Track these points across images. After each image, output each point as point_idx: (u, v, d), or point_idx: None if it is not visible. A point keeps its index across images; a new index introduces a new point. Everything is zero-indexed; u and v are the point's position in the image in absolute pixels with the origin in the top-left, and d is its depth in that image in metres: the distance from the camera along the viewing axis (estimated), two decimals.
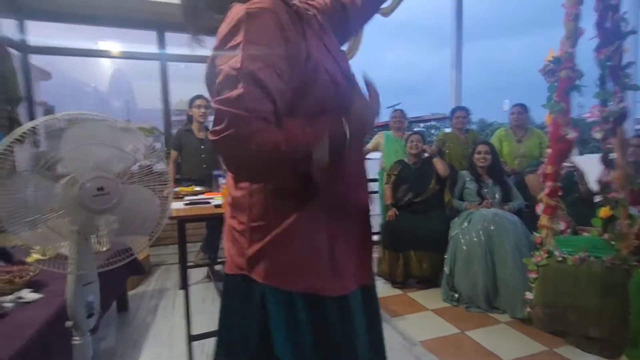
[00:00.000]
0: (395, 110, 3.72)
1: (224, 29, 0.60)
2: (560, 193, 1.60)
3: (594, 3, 1.43)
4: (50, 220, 0.99)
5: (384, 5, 3.07)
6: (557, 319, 1.64)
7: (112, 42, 4.15)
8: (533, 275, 1.61)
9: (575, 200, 2.58)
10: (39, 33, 3.62)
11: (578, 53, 1.47)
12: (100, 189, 0.97)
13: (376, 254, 3.59)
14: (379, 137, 3.73)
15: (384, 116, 4.39)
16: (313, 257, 0.66)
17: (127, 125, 1.09)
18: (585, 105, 1.69)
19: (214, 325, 2.39)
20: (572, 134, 1.48)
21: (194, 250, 3.22)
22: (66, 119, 0.96)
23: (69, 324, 1.08)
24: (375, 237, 4.08)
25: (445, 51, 4.44)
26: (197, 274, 3.23)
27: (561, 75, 1.46)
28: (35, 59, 3.68)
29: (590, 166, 2.55)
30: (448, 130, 3.51)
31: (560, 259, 1.54)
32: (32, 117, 3.62)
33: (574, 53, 1.45)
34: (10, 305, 1.38)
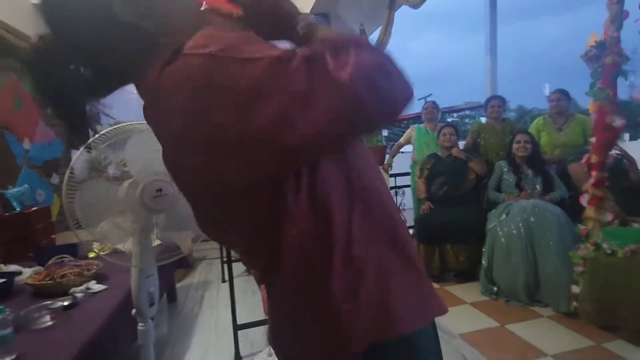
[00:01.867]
0: (427, 101, 3.67)
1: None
2: (607, 183, 1.53)
3: None
4: (118, 219, 1.11)
5: None
6: (607, 313, 1.58)
7: None
8: (580, 269, 1.56)
9: (626, 189, 2.44)
10: None
11: (622, 36, 1.40)
12: (159, 190, 1.08)
13: None
14: (411, 130, 3.70)
15: (416, 108, 4.33)
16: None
17: None
18: (636, 85, 1.61)
19: (255, 316, 2.51)
20: (618, 122, 1.42)
21: None
22: (129, 129, 1.07)
23: (134, 312, 1.21)
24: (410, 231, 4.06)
25: (477, 36, 4.30)
26: (238, 268, 3.38)
27: (607, 61, 1.40)
28: None
29: None
30: (483, 119, 3.42)
31: (609, 251, 1.48)
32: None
33: (619, 37, 1.38)
34: (80, 295, 1.55)
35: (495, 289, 2.44)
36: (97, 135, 1.09)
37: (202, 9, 0.52)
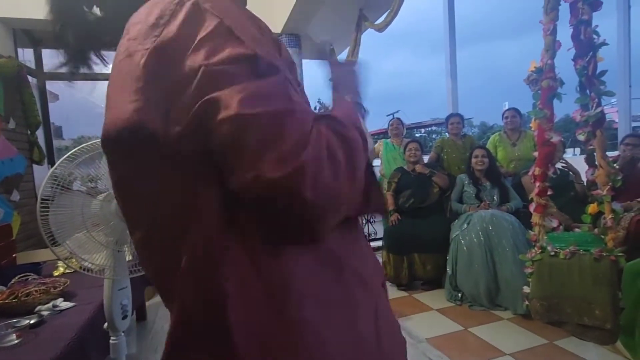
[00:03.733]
0: (393, 118, 3.88)
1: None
2: (550, 192, 1.71)
3: (569, 17, 1.57)
4: (92, 231, 1.12)
5: (378, 22, 3.23)
6: (553, 310, 1.74)
7: None
8: (529, 271, 1.72)
9: (572, 198, 2.69)
10: (54, 60, 3.82)
11: (561, 61, 1.61)
12: None
13: (380, 257, 3.71)
14: (378, 145, 3.88)
15: (383, 124, 4.54)
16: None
17: None
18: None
19: None
20: (555, 138, 1.61)
21: None
22: (97, 147, 1.10)
23: (106, 325, 1.21)
24: (378, 243, 4.21)
25: (441, 55, 4.59)
26: None
27: (543, 85, 1.59)
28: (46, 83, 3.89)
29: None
30: (447, 134, 3.66)
31: (552, 253, 1.65)
32: (48, 138, 3.81)
33: (553, 64, 1.58)
34: (47, 313, 1.51)
35: (459, 295, 2.58)
36: (65, 157, 1.12)
37: None
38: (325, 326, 0.39)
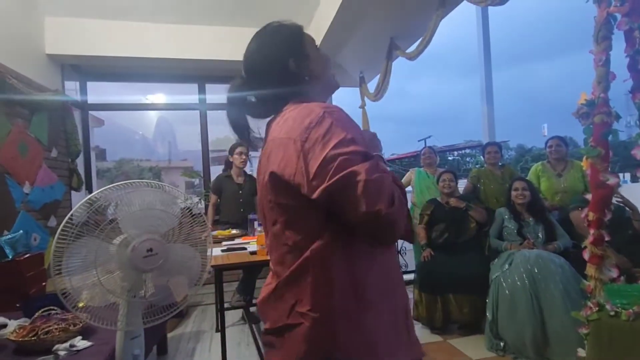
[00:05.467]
0: (425, 147, 3.74)
1: (305, 122, 0.66)
2: (607, 239, 1.50)
3: (624, 46, 1.42)
4: (104, 279, 1.08)
5: (410, 50, 3.16)
6: None
7: (158, 94, 4.56)
8: (584, 330, 1.49)
9: (630, 238, 2.40)
10: (97, 91, 4.06)
11: (614, 93, 1.44)
12: (150, 250, 1.06)
13: (411, 295, 3.49)
14: (410, 173, 3.75)
15: (414, 147, 4.40)
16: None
17: (171, 188, 1.19)
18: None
19: None
20: (612, 180, 1.42)
21: (229, 290, 3.28)
22: (122, 188, 1.07)
23: None
24: (410, 276, 3.99)
25: (475, 77, 4.45)
26: (232, 316, 3.26)
27: (596, 120, 1.42)
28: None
29: None
30: (482, 157, 3.46)
31: (612, 313, 1.42)
32: (87, 162, 3.99)
33: (607, 98, 1.42)
34: (63, 353, 1.48)
35: (501, 344, 2.32)
36: (105, 188, 1.09)
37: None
38: (377, 297, 0.69)
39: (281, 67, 0.76)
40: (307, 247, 0.66)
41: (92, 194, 1.14)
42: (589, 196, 1.51)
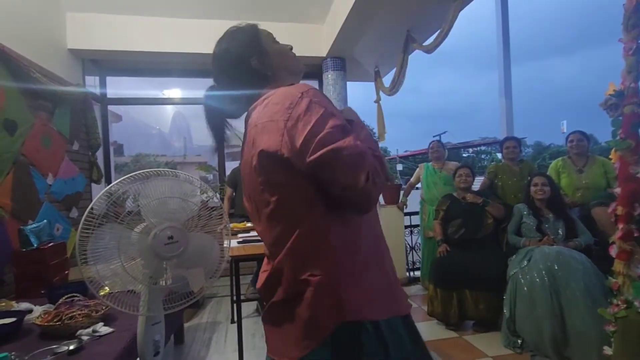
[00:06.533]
0: (433, 141, 3.68)
1: (284, 102, 0.72)
2: (636, 234, 1.45)
3: None
4: (126, 264, 1.10)
5: (427, 43, 3.11)
6: None
7: (175, 89, 4.62)
8: (611, 328, 1.44)
9: None
10: (116, 85, 4.14)
11: None
12: (170, 237, 1.08)
13: (423, 291, 3.46)
14: (419, 169, 3.72)
15: (425, 144, 4.35)
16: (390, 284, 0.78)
17: (191, 179, 1.20)
18: None
19: None
20: None
21: (244, 282, 3.32)
22: (143, 177, 1.09)
23: None
24: (417, 272, 3.96)
25: (490, 74, 4.41)
26: (247, 308, 3.30)
27: (625, 111, 1.37)
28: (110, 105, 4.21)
29: None
30: (499, 155, 3.38)
31: None
32: (107, 157, 4.08)
33: (637, 87, 1.36)
34: (87, 338, 1.52)
35: (519, 341, 2.28)
36: (123, 178, 1.11)
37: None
38: (371, 259, 0.75)
39: (245, 67, 0.82)
40: (302, 221, 0.70)
41: (112, 184, 1.16)
42: (617, 190, 1.46)
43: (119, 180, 1.16)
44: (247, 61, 0.82)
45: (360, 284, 0.71)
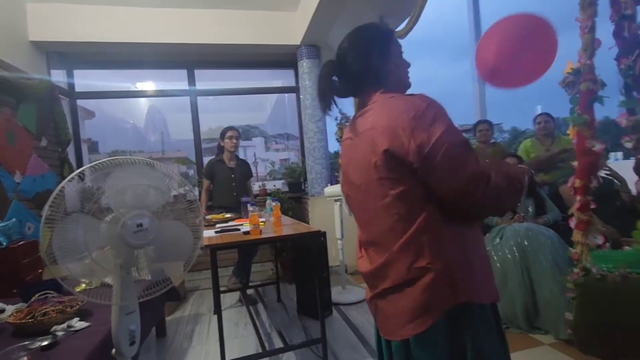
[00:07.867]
0: None
1: (411, 110, 0.80)
2: (593, 206, 1.53)
3: (609, 13, 1.41)
4: (97, 255, 1.08)
5: (399, 29, 3.13)
6: (601, 341, 1.53)
7: (148, 82, 4.49)
8: (572, 295, 1.53)
9: (619, 210, 2.44)
10: (85, 80, 3.99)
11: (600, 62, 1.44)
12: (139, 225, 1.07)
13: None
14: None
15: None
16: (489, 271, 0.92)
17: (161, 166, 1.19)
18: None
19: (247, 350, 2.43)
20: (598, 147, 1.44)
21: (226, 274, 3.32)
22: (108, 163, 1.07)
23: (114, 351, 1.16)
24: None
25: (465, 61, 4.45)
26: (230, 298, 3.31)
27: (582, 88, 1.43)
28: (81, 101, 4.05)
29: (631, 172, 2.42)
30: (473, 139, 3.47)
31: (598, 276, 1.46)
32: (79, 154, 3.95)
33: (592, 65, 1.42)
34: (61, 333, 1.50)
35: None
36: (89, 165, 1.09)
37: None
38: (478, 259, 0.87)
39: (372, 58, 0.91)
40: (417, 215, 0.81)
41: (71, 175, 1.12)
42: (574, 163, 1.54)
43: (77, 171, 1.13)
44: (377, 54, 0.91)
45: (471, 272, 0.83)
